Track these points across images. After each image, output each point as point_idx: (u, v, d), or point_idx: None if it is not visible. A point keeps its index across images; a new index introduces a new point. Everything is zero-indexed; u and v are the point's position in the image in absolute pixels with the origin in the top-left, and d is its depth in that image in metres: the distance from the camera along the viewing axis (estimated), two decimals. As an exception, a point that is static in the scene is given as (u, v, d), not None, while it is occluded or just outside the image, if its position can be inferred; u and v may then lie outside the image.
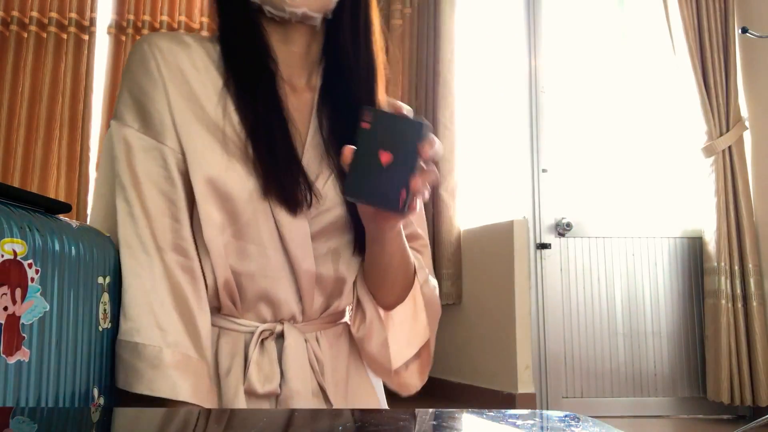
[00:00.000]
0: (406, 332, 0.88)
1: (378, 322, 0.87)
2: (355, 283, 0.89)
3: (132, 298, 0.73)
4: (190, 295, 0.76)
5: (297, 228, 0.79)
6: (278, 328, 0.82)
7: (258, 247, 0.79)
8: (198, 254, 0.78)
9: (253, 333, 0.81)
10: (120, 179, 0.76)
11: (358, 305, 0.89)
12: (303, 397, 0.79)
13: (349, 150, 0.65)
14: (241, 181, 0.77)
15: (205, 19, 3.30)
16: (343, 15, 0.85)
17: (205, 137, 0.78)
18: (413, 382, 0.91)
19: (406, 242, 0.85)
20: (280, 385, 0.79)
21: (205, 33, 3.18)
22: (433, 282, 0.93)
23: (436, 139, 0.67)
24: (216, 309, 0.82)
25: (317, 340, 0.85)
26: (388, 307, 0.88)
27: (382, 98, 0.89)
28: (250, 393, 0.78)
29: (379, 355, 0.87)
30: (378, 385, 0.95)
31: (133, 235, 0.75)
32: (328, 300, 0.86)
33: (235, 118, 0.79)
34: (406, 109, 0.70)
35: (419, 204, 0.70)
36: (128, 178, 0.76)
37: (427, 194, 0.67)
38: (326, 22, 0.86)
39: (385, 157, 0.63)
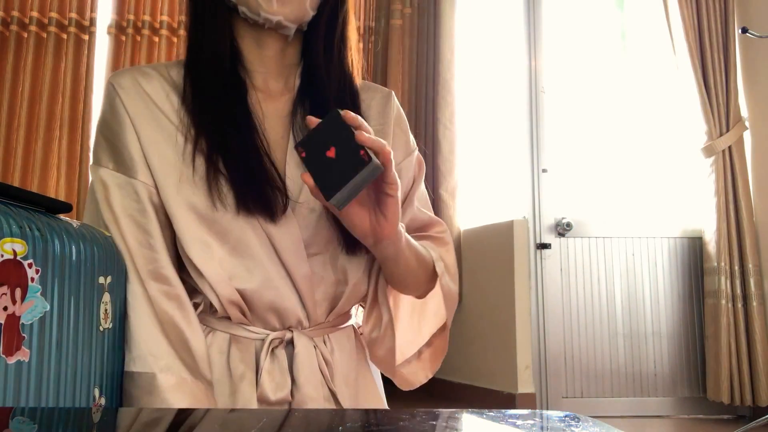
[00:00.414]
0: (414, 328, 0.91)
1: (391, 329, 0.87)
2: (375, 281, 0.89)
3: (128, 329, 0.76)
4: (180, 320, 0.77)
5: (286, 235, 0.80)
6: (287, 335, 0.83)
7: (254, 261, 0.79)
8: (192, 277, 0.80)
9: (263, 340, 0.82)
10: (102, 218, 0.79)
11: (375, 306, 0.89)
12: (315, 402, 0.80)
13: (306, 176, 0.68)
14: (220, 199, 0.78)
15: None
16: (319, 30, 0.85)
17: (175, 165, 0.79)
18: (418, 377, 0.93)
19: (416, 245, 0.85)
20: (292, 392, 0.80)
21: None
22: (453, 269, 0.94)
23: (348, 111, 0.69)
24: (226, 318, 0.82)
25: (326, 344, 0.86)
26: (420, 296, 0.92)
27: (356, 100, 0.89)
28: (262, 400, 0.79)
29: (385, 358, 0.89)
30: (379, 383, 0.96)
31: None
32: (332, 302, 0.86)
33: (202, 138, 0.80)
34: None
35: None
36: (108, 215, 0.79)
37: (379, 144, 0.67)
38: (302, 32, 0.85)
39: (331, 152, 0.68)
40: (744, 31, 2.58)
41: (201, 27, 0.83)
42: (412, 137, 0.98)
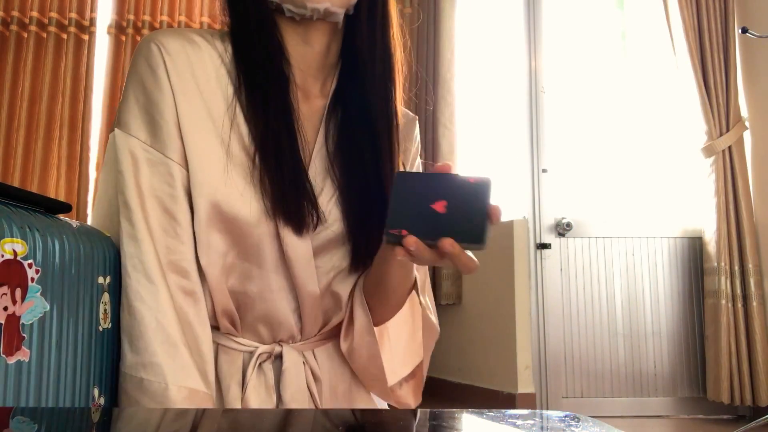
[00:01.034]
0: (402, 348, 0.85)
1: (368, 335, 0.81)
2: (350, 295, 0.85)
3: (137, 327, 0.70)
4: (193, 319, 0.73)
5: (302, 249, 0.77)
6: (276, 349, 0.81)
7: (260, 269, 0.77)
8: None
9: (252, 353, 0.80)
10: (124, 197, 0.73)
11: (350, 318, 0.84)
12: None
13: (449, 242, 0.64)
14: (248, 203, 0.74)
15: (205, 19, 3.30)
16: (360, 10, 0.81)
17: (211, 155, 0.74)
18: (409, 401, 0.89)
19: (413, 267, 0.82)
20: (277, 406, 0.79)
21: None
22: (431, 306, 0.90)
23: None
24: (215, 328, 0.80)
25: (315, 357, 0.84)
26: (383, 320, 0.83)
27: (399, 100, 0.85)
28: None
29: (369, 367, 0.83)
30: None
31: (137, 260, 0.72)
32: (326, 317, 0.84)
33: (243, 129, 0.76)
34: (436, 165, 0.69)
35: None
36: (133, 195, 0.72)
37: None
38: (347, 20, 0.82)
39: (439, 205, 0.64)
40: (744, 31, 2.58)
41: (247, 26, 0.79)
42: (419, 163, 0.97)
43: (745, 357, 2.68)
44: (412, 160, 0.94)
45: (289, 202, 0.75)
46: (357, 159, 0.81)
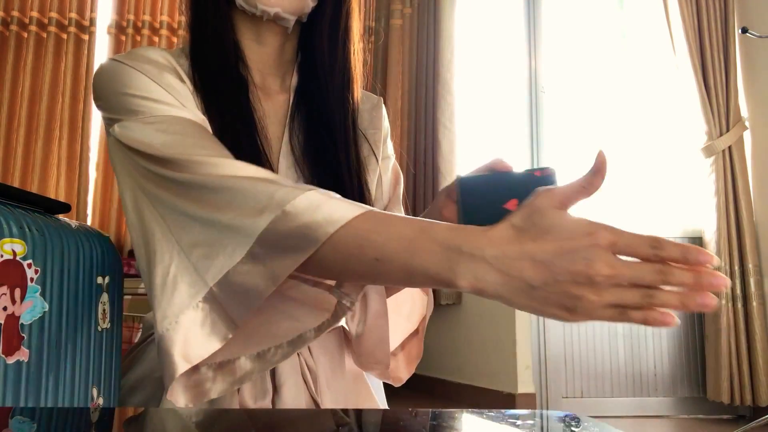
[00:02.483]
0: (392, 320, 0.83)
1: (381, 319, 0.79)
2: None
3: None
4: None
5: None
6: None
7: None
8: None
9: None
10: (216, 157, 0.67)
11: (362, 303, 0.82)
12: None
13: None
14: None
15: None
16: (323, 22, 0.82)
17: None
18: (400, 374, 0.89)
19: None
20: (273, 400, 0.77)
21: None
22: None
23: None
24: None
25: (310, 352, 0.83)
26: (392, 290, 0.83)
27: (357, 96, 0.86)
28: (242, 406, 0.77)
29: (376, 351, 0.81)
30: (376, 384, 0.94)
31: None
32: None
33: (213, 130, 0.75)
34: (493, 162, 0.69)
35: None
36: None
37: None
38: (301, 25, 0.83)
39: (511, 204, 0.62)
40: (744, 31, 2.58)
41: (203, 23, 0.80)
42: (390, 144, 0.97)
43: (745, 357, 2.68)
44: (383, 143, 0.94)
45: None
46: (322, 153, 0.81)
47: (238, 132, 0.76)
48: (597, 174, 0.56)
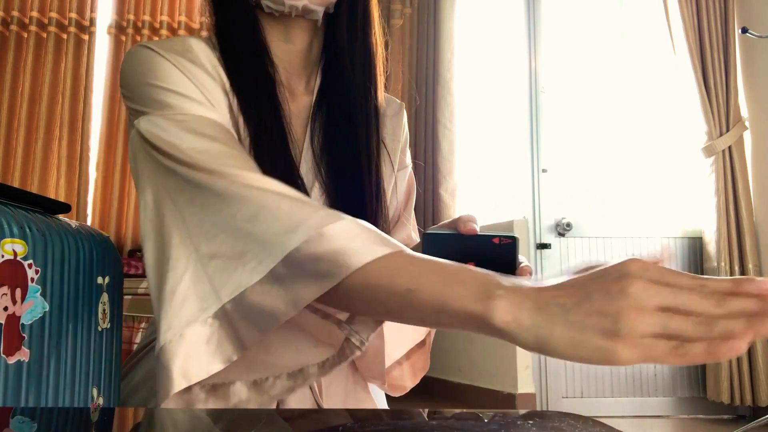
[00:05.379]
0: (394, 331, 0.82)
1: (377, 338, 0.77)
2: None
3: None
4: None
5: None
6: None
7: None
8: None
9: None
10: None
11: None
12: None
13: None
14: None
15: (205, 19, 3.30)
16: (341, 8, 0.81)
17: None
18: (405, 382, 0.89)
19: None
20: (278, 406, 0.77)
21: (204, 33, 3.19)
22: None
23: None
24: None
25: None
26: None
27: (380, 97, 0.86)
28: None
29: (371, 366, 0.81)
30: (376, 390, 0.94)
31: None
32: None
33: (240, 121, 0.74)
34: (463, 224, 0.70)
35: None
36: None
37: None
38: (327, 18, 0.82)
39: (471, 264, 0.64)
40: (744, 31, 2.58)
41: (230, 25, 0.79)
42: (408, 153, 0.97)
43: (745, 357, 2.68)
44: (402, 148, 0.94)
45: None
46: (341, 158, 0.81)
47: (271, 132, 0.75)
48: None
